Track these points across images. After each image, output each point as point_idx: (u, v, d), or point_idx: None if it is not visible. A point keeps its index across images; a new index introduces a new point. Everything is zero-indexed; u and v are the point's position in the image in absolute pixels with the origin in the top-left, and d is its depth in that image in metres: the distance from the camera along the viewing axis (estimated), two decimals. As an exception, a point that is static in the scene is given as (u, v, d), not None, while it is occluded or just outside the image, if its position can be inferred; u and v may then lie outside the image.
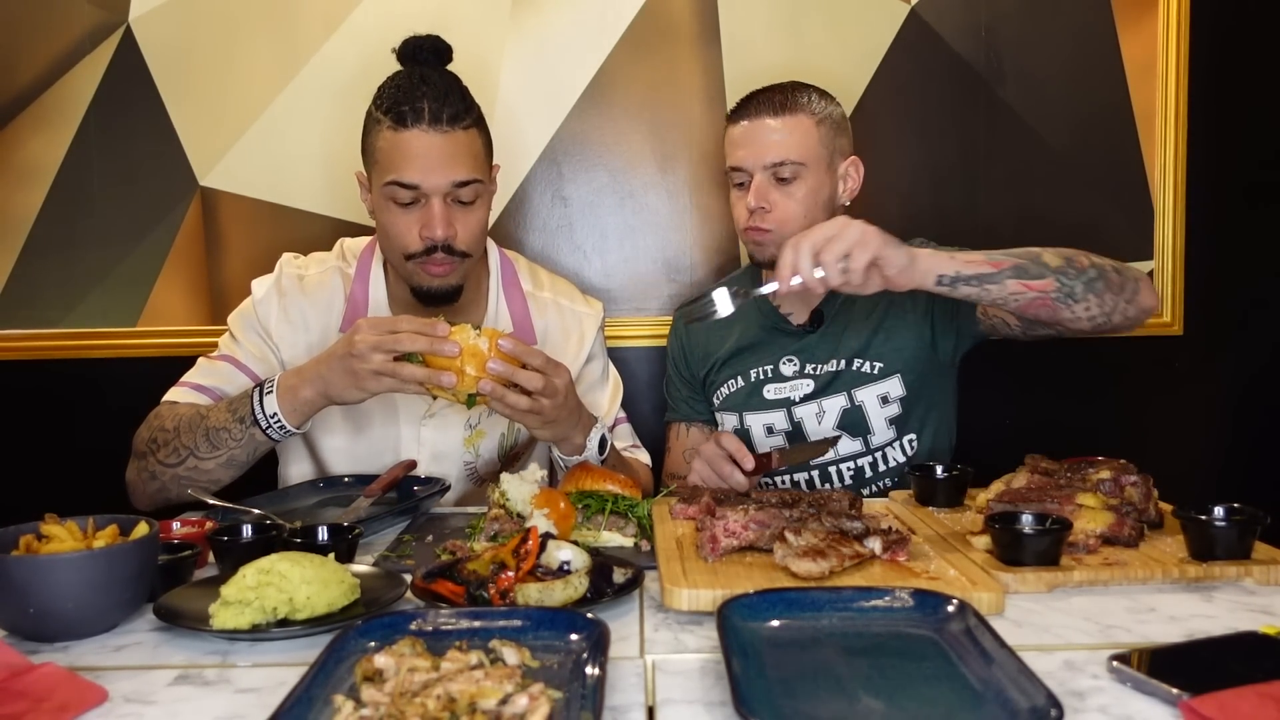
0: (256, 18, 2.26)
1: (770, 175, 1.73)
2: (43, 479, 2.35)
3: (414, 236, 1.61)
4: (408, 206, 1.61)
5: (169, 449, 1.56)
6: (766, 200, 1.73)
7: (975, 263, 1.44)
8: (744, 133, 1.74)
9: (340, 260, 1.80)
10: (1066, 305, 1.47)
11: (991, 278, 1.44)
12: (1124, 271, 1.53)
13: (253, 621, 1.01)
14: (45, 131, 2.28)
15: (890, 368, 1.77)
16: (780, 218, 1.73)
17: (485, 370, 1.40)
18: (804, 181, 1.73)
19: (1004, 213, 2.33)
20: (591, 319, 1.87)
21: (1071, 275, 1.47)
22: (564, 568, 1.13)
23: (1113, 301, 1.50)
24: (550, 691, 0.82)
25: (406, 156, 1.57)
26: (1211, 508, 1.20)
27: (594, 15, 2.27)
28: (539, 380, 1.43)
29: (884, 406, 1.77)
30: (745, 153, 1.74)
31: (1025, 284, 1.45)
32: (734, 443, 1.57)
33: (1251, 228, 2.38)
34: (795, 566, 1.11)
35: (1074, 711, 0.83)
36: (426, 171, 1.58)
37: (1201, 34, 2.29)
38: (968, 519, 1.38)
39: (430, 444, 1.75)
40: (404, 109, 1.58)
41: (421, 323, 1.41)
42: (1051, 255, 1.48)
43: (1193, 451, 2.42)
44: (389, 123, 1.59)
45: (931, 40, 2.29)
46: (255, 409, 1.51)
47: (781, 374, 1.83)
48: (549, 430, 1.52)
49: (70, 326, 2.32)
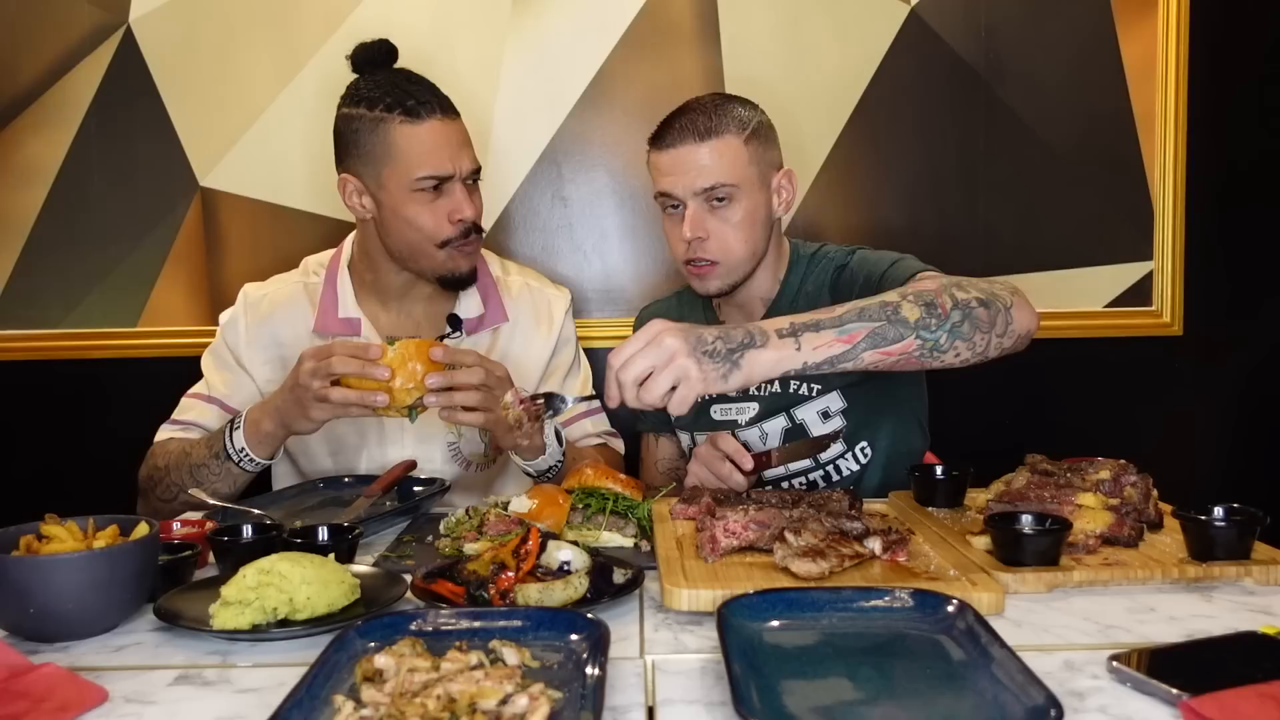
0: (256, 18, 2.26)
1: (703, 201, 1.64)
2: (43, 479, 2.35)
3: (446, 224, 1.65)
4: (434, 194, 1.64)
5: (163, 486, 1.63)
6: (703, 229, 1.63)
7: (823, 345, 1.27)
8: (671, 160, 1.65)
9: (304, 275, 1.84)
10: (933, 358, 1.34)
11: (845, 356, 1.29)
12: (992, 303, 1.37)
13: (253, 622, 1.01)
14: (45, 131, 2.28)
15: (827, 386, 1.72)
16: (721, 247, 1.65)
17: (422, 384, 1.42)
18: (739, 204, 1.64)
19: (1004, 213, 2.34)
20: (560, 300, 1.90)
21: (933, 327, 1.32)
22: (564, 568, 1.13)
23: (984, 340, 1.36)
24: (550, 691, 0.82)
25: (431, 147, 1.62)
26: (1211, 508, 1.19)
27: (594, 16, 2.27)
28: (479, 371, 1.46)
29: (825, 421, 1.73)
30: (674, 180, 1.64)
31: (884, 351, 1.30)
32: (731, 444, 1.56)
33: (1251, 228, 2.38)
34: (795, 567, 1.11)
35: (1074, 711, 0.83)
36: (453, 159, 1.64)
37: (1201, 35, 2.29)
38: (968, 519, 1.38)
39: (414, 429, 1.76)
40: (411, 103, 1.62)
41: (354, 345, 1.44)
42: (910, 305, 1.32)
43: (1192, 451, 2.43)
44: (400, 118, 1.61)
45: (931, 40, 2.29)
46: (226, 444, 1.56)
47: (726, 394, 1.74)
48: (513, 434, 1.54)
49: (70, 326, 2.32)
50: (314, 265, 1.85)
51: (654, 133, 1.70)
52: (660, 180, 1.68)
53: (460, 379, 1.45)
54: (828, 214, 2.32)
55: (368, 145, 1.65)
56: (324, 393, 1.43)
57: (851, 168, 2.32)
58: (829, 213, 2.32)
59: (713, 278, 1.68)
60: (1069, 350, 2.34)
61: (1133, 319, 2.36)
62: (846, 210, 2.33)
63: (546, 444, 1.61)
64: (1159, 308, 2.36)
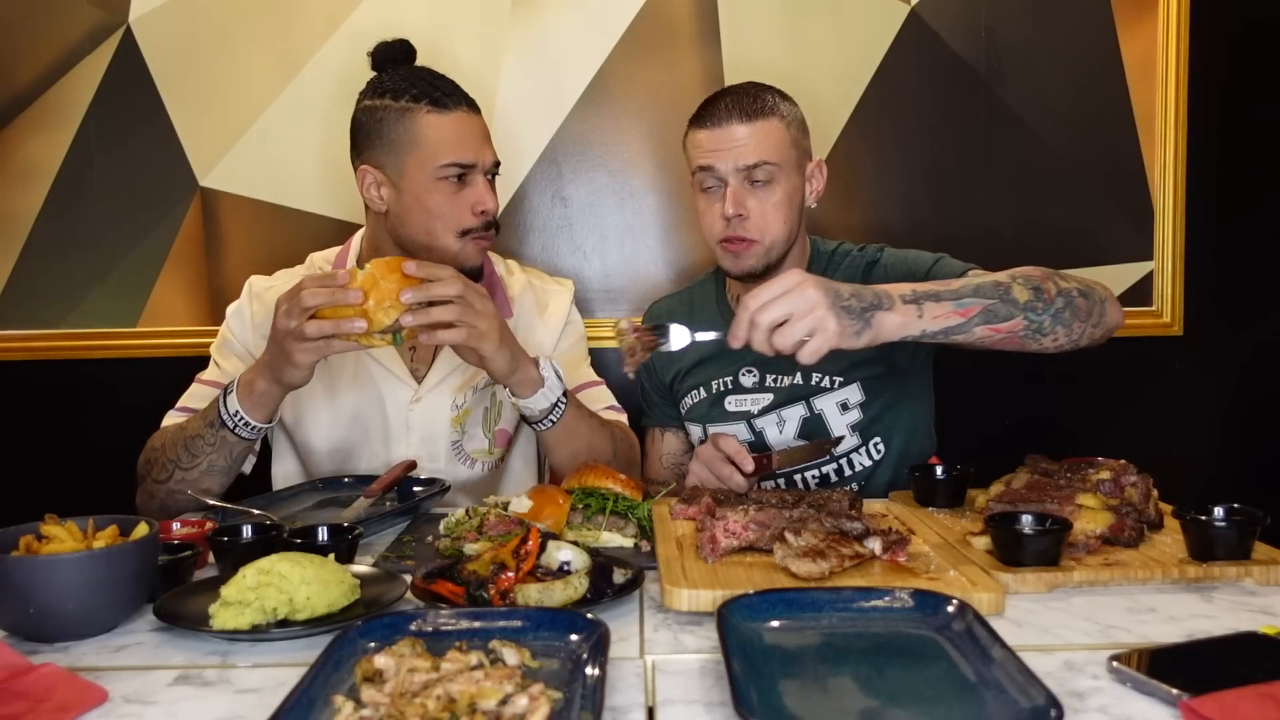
0: (256, 18, 2.26)
1: (745, 179, 1.66)
2: (43, 479, 2.35)
3: (468, 214, 1.67)
4: (458, 184, 1.66)
5: (158, 466, 1.59)
6: (744, 206, 1.65)
7: (942, 315, 1.35)
8: (715, 137, 1.66)
9: (309, 271, 1.83)
10: (1034, 340, 1.43)
11: (959, 328, 1.37)
12: (1090, 294, 1.48)
13: (253, 622, 1.01)
14: (45, 131, 2.28)
15: (848, 378, 1.75)
16: (760, 225, 1.67)
17: (399, 302, 1.38)
18: (779, 184, 1.67)
19: (1004, 213, 2.34)
20: (562, 294, 1.91)
21: (1040, 310, 1.42)
22: (564, 568, 1.13)
23: (1080, 329, 1.46)
24: (550, 692, 0.82)
25: (458, 136, 1.65)
26: (1211, 508, 1.19)
27: (594, 16, 2.27)
28: (457, 284, 1.43)
29: (844, 413, 1.75)
30: (717, 155, 1.66)
31: (993, 328, 1.39)
32: (732, 445, 1.56)
33: (1251, 228, 2.38)
34: (795, 567, 1.11)
35: (1074, 712, 0.83)
36: (478, 149, 1.67)
37: (1201, 34, 2.29)
38: (968, 519, 1.38)
39: (419, 428, 1.77)
40: (439, 94, 1.64)
41: (323, 276, 1.41)
42: (1020, 288, 1.41)
43: (1192, 451, 2.43)
44: (427, 107, 1.64)
45: (931, 40, 2.29)
46: (221, 410, 1.53)
47: (741, 385, 1.80)
48: (505, 348, 1.49)
49: (70, 326, 2.32)
50: (320, 261, 1.85)
51: (696, 113, 1.72)
52: (702, 156, 1.69)
53: (437, 291, 1.41)
54: (828, 214, 2.32)
55: (392, 135, 1.65)
56: (300, 329, 1.39)
57: (851, 167, 2.32)
58: (829, 212, 2.32)
59: (749, 256, 1.69)
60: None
61: (1133, 319, 2.35)
62: (847, 210, 2.33)
63: (544, 376, 1.56)
64: (1159, 308, 2.36)
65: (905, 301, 1.34)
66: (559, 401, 1.58)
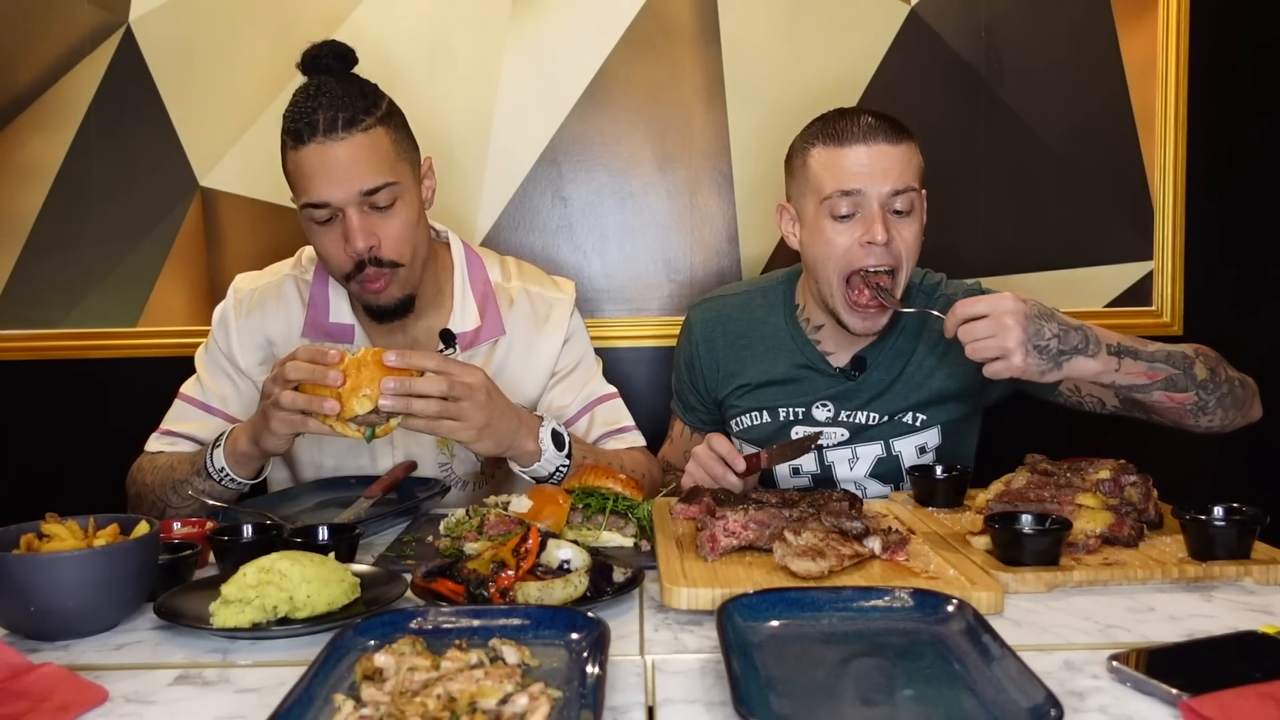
0: (256, 18, 2.26)
1: (886, 206, 1.56)
2: (43, 478, 2.35)
3: (341, 257, 1.53)
4: (328, 225, 1.52)
5: (148, 503, 1.59)
6: (892, 232, 1.56)
7: (1136, 372, 1.41)
8: (857, 156, 1.55)
9: (297, 268, 1.73)
10: (1194, 416, 1.49)
11: (1142, 388, 1.43)
12: (1246, 386, 1.55)
13: (253, 620, 1.01)
14: (45, 131, 2.28)
15: (932, 420, 1.71)
16: (901, 253, 1.58)
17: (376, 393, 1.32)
18: (917, 215, 1.60)
19: (1004, 213, 2.34)
20: (563, 303, 1.77)
21: (1210, 389, 1.47)
22: (564, 567, 1.13)
23: (1233, 416, 1.52)
24: (550, 691, 0.82)
25: (310, 174, 1.49)
26: (1211, 508, 1.20)
27: (594, 15, 2.27)
28: (442, 382, 1.36)
29: (920, 456, 1.72)
30: (866, 178, 1.55)
31: (1169, 395, 1.44)
32: (724, 445, 1.53)
33: (1251, 228, 2.38)
34: (795, 566, 1.11)
35: (1074, 711, 0.83)
36: (330, 185, 1.48)
37: (1201, 34, 2.29)
38: (968, 519, 1.38)
39: (403, 446, 1.71)
40: (299, 125, 1.49)
41: (315, 350, 1.36)
42: (1201, 365, 1.46)
43: (1192, 451, 2.42)
44: (290, 142, 1.51)
45: (931, 40, 2.29)
46: (207, 462, 1.51)
47: (814, 418, 1.73)
48: (488, 439, 1.44)
49: (70, 326, 2.32)
50: (308, 257, 1.73)
51: (828, 130, 1.60)
52: (844, 179, 1.56)
53: (419, 387, 1.35)
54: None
55: (285, 168, 1.56)
56: (278, 398, 1.35)
57: (851, 168, 2.31)
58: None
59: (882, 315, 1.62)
60: (1069, 350, 2.34)
61: (1133, 319, 2.36)
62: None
63: (543, 449, 1.51)
64: (1159, 308, 2.36)
65: (1110, 352, 1.39)
66: (560, 467, 1.54)
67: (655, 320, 2.34)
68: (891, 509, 1.48)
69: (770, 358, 1.76)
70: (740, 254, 2.33)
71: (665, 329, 2.32)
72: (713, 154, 2.31)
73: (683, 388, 1.89)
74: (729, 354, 1.80)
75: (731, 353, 1.79)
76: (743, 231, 2.33)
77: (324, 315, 1.68)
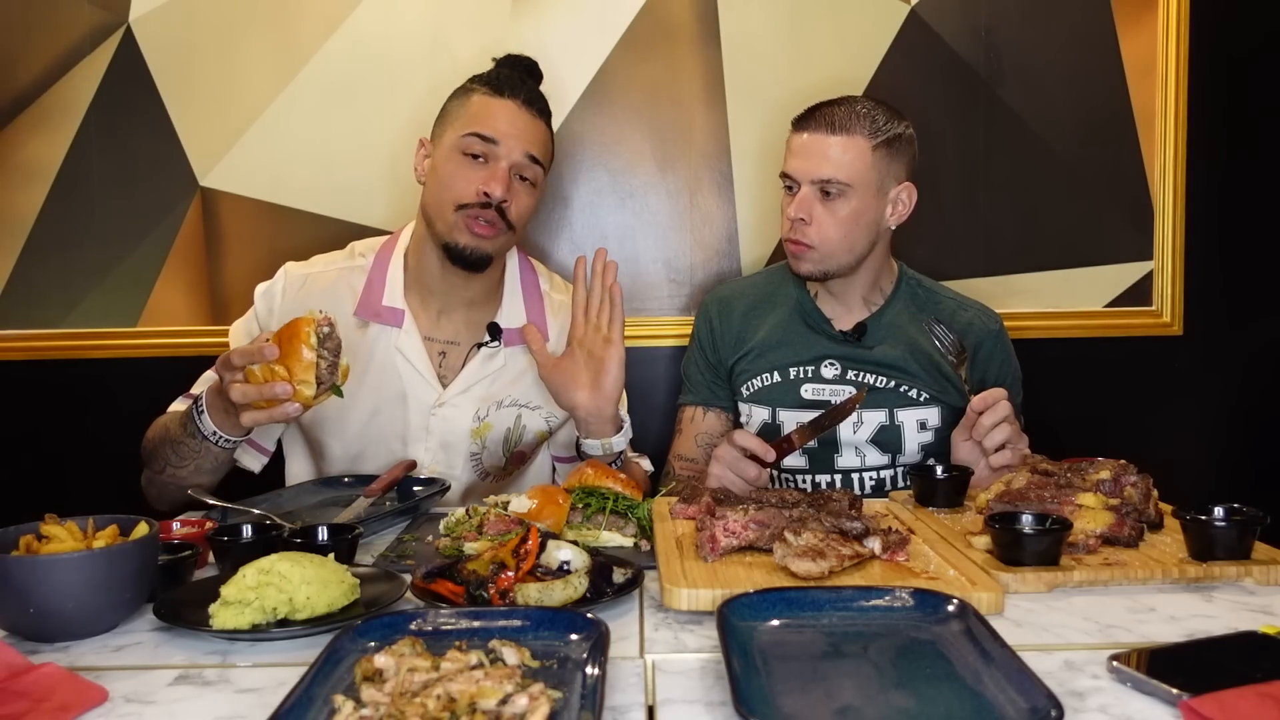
0: (256, 18, 2.26)
1: (816, 189, 1.74)
2: (43, 479, 2.35)
3: (472, 189, 1.67)
4: (475, 161, 1.67)
5: (154, 457, 1.61)
6: (808, 213, 1.74)
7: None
8: (800, 143, 1.76)
9: (349, 259, 1.82)
10: None
11: None
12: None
13: (253, 621, 1.01)
14: (45, 131, 2.28)
15: (934, 400, 1.81)
16: (820, 235, 1.75)
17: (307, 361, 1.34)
18: (848, 201, 1.74)
19: (1004, 213, 2.34)
20: None
21: None
22: (564, 567, 1.13)
23: None
24: (550, 691, 0.82)
25: (493, 116, 1.67)
26: (1211, 508, 1.20)
27: (594, 15, 2.27)
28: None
29: (920, 432, 1.81)
30: (797, 163, 1.75)
31: None
32: (750, 440, 1.56)
33: (1251, 228, 2.38)
34: (795, 566, 1.11)
35: (1074, 711, 0.83)
36: (507, 134, 1.67)
37: (1201, 34, 2.29)
38: (968, 519, 1.38)
39: (439, 433, 1.76)
40: (502, 83, 1.70)
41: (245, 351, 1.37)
42: None
43: (1193, 451, 2.42)
44: (485, 90, 1.70)
45: (931, 40, 2.29)
46: (197, 424, 1.51)
47: (822, 375, 1.83)
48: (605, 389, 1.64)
49: (70, 326, 2.32)
50: (362, 248, 1.83)
51: (797, 115, 1.80)
52: (787, 160, 1.79)
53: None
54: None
55: (449, 109, 1.73)
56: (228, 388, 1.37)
57: (851, 168, 2.31)
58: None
59: (805, 260, 1.78)
60: (1069, 350, 2.34)
61: (1133, 319, 2.36)
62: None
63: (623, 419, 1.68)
64: (1159, 308, 2.36)
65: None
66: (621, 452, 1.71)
67: (655, 320, 2.33)
68: (891, 509, 1.48)
69: (778, 320, 1.88)
70: (740, 254, 2.33)
71: (665, 329, 2.33)
72: (713, 154, 2.31)
73: (696, 363, 1.97)
74: (743, 322, 1.92)
75: (744, 321, 1.92)
76: (743, 231, 2.33)
77: (379, 297, 1.76)
